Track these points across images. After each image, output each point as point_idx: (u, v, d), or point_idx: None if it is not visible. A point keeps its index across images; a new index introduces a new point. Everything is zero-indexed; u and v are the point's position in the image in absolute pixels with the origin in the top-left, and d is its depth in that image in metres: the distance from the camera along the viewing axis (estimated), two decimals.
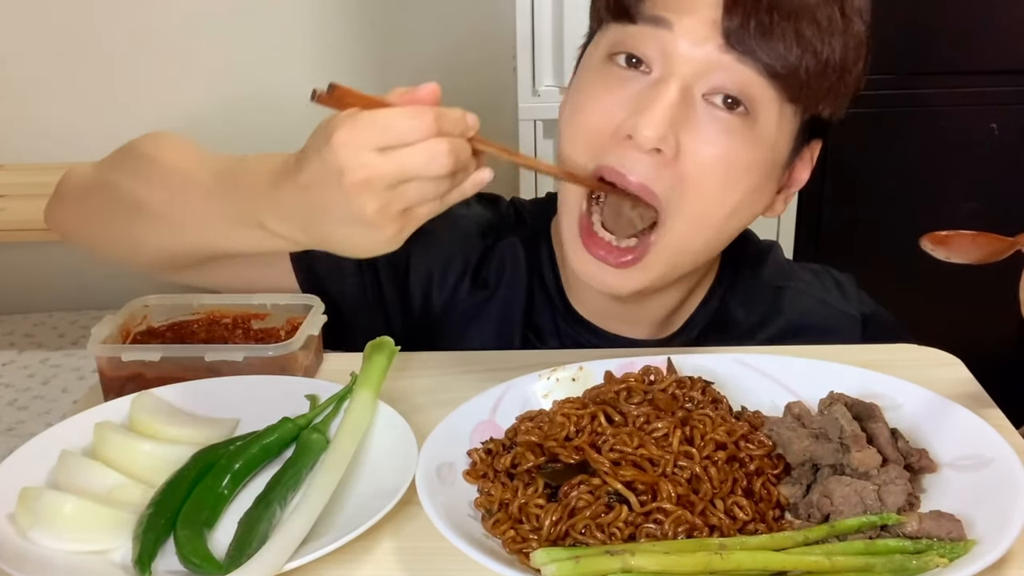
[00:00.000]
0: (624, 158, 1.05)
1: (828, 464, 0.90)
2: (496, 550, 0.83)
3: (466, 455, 0.95)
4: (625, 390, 0.97)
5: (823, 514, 0.86)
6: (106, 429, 0.97)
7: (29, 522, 0.86)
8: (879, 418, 0.94)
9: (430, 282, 1.28)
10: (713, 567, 0.78)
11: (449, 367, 1.16)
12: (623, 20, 1.07)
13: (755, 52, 1.02)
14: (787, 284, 1.31)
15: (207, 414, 1.03)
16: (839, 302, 1.32)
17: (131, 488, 0.91)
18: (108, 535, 0.86)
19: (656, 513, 0.84)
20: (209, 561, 0.82)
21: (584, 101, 1.10)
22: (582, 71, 1.14)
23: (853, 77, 1.09)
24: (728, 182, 1.06)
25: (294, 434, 0.98)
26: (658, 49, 1.05)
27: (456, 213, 0.99)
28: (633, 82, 1.06)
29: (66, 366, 2.72)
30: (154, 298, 1.18)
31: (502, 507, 0.87)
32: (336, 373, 1.12)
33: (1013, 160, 2.60)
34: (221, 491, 0.91)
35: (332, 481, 0.89)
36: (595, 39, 1.14)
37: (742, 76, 1.03)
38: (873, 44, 1.10)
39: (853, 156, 2.60)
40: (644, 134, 1.02)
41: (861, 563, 0.78)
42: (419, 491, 0.86)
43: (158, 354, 1.08)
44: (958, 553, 0.78)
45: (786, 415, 0.97)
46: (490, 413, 1.00)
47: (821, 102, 1.09)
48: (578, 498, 0.85)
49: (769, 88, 1.04)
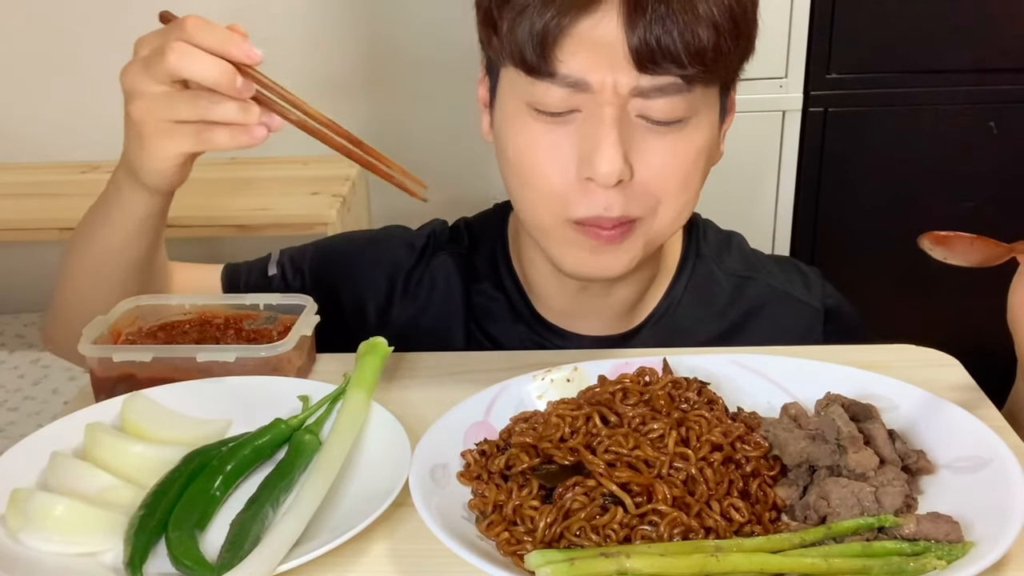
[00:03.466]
0: (593, 203, 1.07)
1: (825, 465, 0.90)
2: (490, 552, 0.82)
3: (460, 456, 0.94)
4: (621, 391, 0.97)
5: (820, 516, 0.85)
6: (97, 430, 0.96)
7: (19, 524, 0.85)
8: (876, 419, 0.94)
9: (362, 309, 1.32)
10: (709, 569, 0.77)
11: (443, 368, 1.15)
12: (536, 76, 1.05)
13: (669, 68, 1.02)
14: (749, 275, 1.32)
15: (199, 415, 1.03)
16: (801, 293, 1.33)
17: (122, 490, 0.91)
18: (99, 537, 0.85)
19: (651, 515, 0.83)
20: (201, 563, 0.82)
21: (531, 165, 1.09)
22: (508, 122, 1.11)
23: (750, 21, 1.08)
24: (686, 175, 1.10)
25: (287, 435, 0.98)
26: (582, 99, 1.05)
27: (377, 238, 1.13)
28: (567, 125, 1.07)
29: (57, 367, 2.71)
30: (145, 298, 1.17)
31: (496, 509, 0.87)
32: (329, 374, 1.12)
33: (1011, 159, 2.61)
34: (213, 493, 0.90)
35: (325, 483, 0.88)
36: (503, 81, 1.11)
37: (661, 103, 1.04)
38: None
39: (851, 155, 2.60)
40: (603, 172, 1.03)
41: (858, 565, 0.78)
42: (412, 493, 0.85)
43: (149, 355, 1.07)
44: (956, 555, 0.77)
45: (783, 416, 0.96)
46: (484, 414, 0.99)
47: (739, 65, 1.11)
48: (573, 499, 0.85)
49: (692, 92, 1.05)
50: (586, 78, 1.03)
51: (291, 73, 1.31)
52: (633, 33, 1.00)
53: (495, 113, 1.15)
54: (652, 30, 1.00)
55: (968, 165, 2.62)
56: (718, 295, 1.31)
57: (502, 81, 1.12)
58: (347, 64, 2.96)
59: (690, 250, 1.31)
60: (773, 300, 1.31)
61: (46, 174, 2.79)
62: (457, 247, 1.34)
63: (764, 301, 1.31)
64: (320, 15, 2.91)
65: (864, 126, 2.58)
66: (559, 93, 1.04)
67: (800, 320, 1.30)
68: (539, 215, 1.12)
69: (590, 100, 1.04)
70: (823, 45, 2.51)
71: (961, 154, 2.61)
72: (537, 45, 1.02)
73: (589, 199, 1.07)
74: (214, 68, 0.90)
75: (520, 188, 1.12)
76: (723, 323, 1.29)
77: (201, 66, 0.90)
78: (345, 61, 2.94)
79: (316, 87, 2.84)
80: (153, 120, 0.96)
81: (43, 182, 2.74)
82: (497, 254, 1.32)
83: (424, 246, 1.34)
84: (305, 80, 2.59)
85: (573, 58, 1.02)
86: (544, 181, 1.08)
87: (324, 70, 2.92)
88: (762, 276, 1.33)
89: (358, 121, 2.90)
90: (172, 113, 0.94)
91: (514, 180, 1.13)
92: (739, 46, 1.06)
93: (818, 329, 1.30)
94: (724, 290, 1.31)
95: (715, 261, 1.32)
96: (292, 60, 2.82)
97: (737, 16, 1.04)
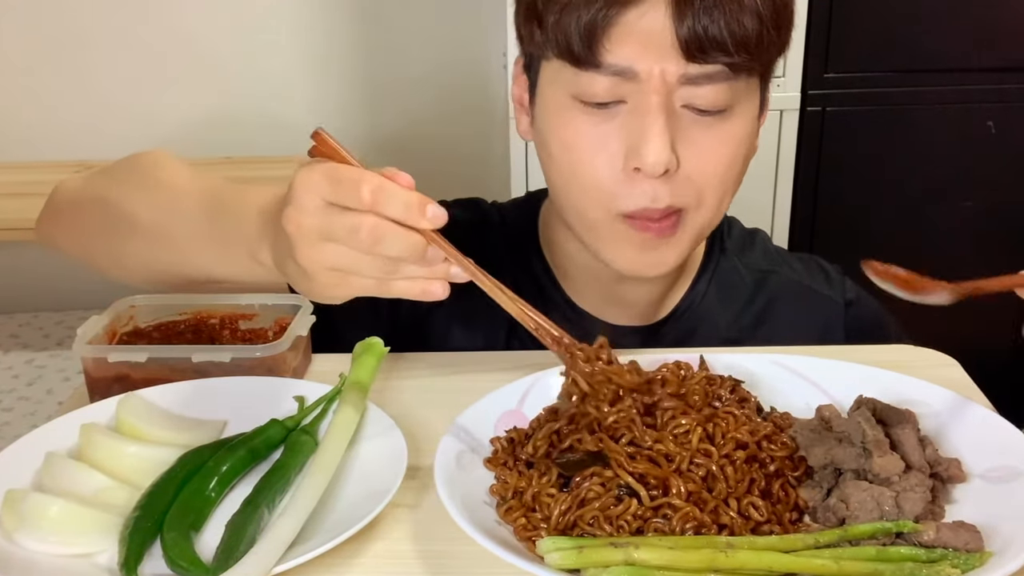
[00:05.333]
0: (640, 195, 1.08)
1: (850, 468, 0.89)
2: (507, 538, 0.82)
3: (488, 443, 0.94)
4: (660, 381, 0.97)
5: (838, 518, 0.84)
6: (92, 431, 0.96)
7: (14, 525, 0.85)
8: (909, 424, 0.92)
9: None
10: (718, 565, 0.77)
11: (438, 368, 1.15)
12: (583, 67, 1.06)
13: (717, 56, 1.04)
14: (771, 269, 1.34)
15: (194, 416, 1.02)
16: (823, 287, 1.35)
17: (117, 490, 0.90)
18: (94, 538, 0.85)
19: (665, 508, 0.83)
20: (196, 564, 0.82)
21: (578, 158, 1.10)
22: (551, 117, 1.12)
23: (790, 12, 1.11)
24: (729, 167, 1.11)
25: (282, 436, 0.97)
26: (629, 88, 1.06)
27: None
28: (613, 117, 1.08)
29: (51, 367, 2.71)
30: (141, 298, 1.17)
31: (516, 495, 0.87)
32: (325, 374, 1.11)
33: (1010, 158, 2.61)
34: (208, 494, 0.90)
35: (321, 483, 0.88)
36: (545, 74, 1.12)
37: (707, 90, 1.06)
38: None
39: (849, 154, 2.60)
40: (651, 162, 1.05)
41: (869, 569, 0.77)
42: (436, 476, 0.85)
43: (145, 355, 1.07)
44: (972, 565, 0.76)
45: (815, 417, 0.96)
46: (518, 403, 1.00)
47: (777, 56, 1.13)
48: (589, 489, 0.85)
49: (737, 81, 1.07)
50: (633, 67, 1.04)
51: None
52: (682, 23, 1.02)
53: (536, 110, 1.16)
54: (700, 20, 1.02)
55: (966, 165, 2.62)
56: (740, 290, 1.32)
57: (543, 76, 1.13)
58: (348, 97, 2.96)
59: (715, 245, 1.33)
60: (794, 294, 1.33)
61: (39, 173, 2.79)
62: (505, 230, 1.33)
63: (785, 295, 1.33)
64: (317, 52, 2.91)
65: (862, 125, 2.58)
66: (605, 82, 1.06)
67: (821, 314, 1.32)
68: (587, 210, 1.12)
69: (636, 90, 1.06)
70: (820, 44, 2.51)
71: (959, 154, 2.61)
72: (585, 37, 1.04)
73: (636, 190, 1.08)
74: (406, 246, 0.84)
75: (566, 184, 1.13)
76: (746, 317, 1.31)
77: (394, 246, 0.84)
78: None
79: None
80: (331, 272, 0.87)
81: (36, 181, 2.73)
82: (529, 243, 1.32)
83: (480, 228, 1.33)
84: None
85: (620, 48, 1.04)
86: (591, 174, 1.09)
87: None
88: (783, 271, 1.35)
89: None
90: (355, 271, 0.87)
91: (559, 176, 1.13)
92: (780, 36, 1.09)
93: (839, 323, 1.32)
94: (747, 285, 1.33)
95: (738, 256, 1.34)
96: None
97: (779, 6, 1.07)
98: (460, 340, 1.28)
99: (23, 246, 2.80)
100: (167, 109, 3.00)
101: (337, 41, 3.02)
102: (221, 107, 3.03)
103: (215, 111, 3.03)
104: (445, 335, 1.29)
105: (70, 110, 3.00)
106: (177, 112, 3.01)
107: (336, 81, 3.05)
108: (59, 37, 2.94)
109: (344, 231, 0.83)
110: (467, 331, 1.28)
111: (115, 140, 2.71)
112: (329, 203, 0.84)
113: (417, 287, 0.87)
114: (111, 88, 3.00)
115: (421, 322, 1.28)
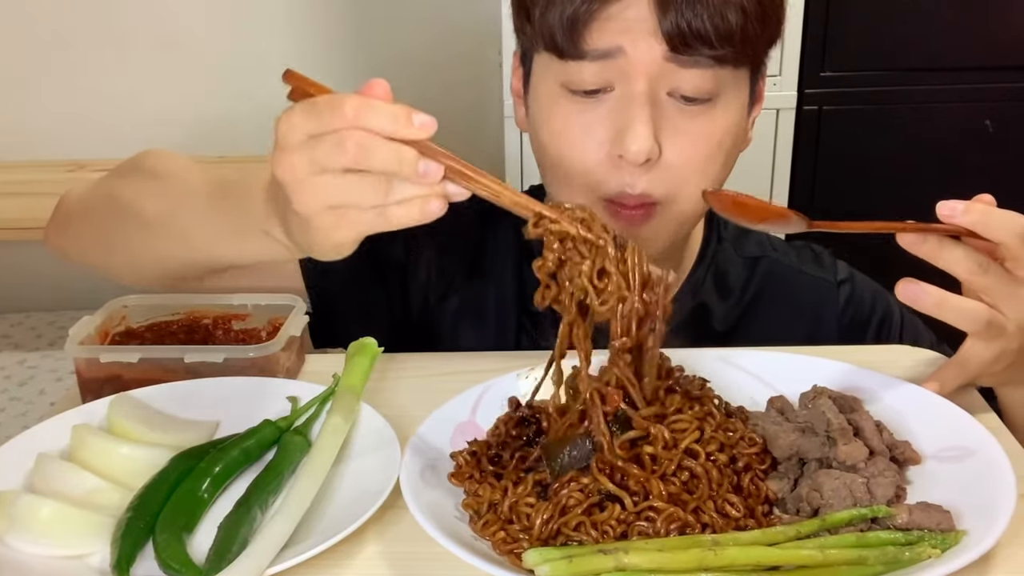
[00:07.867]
0: (621, 180, 1.10)
1: (815, 458, 0.90)
2: (486, 552, 0.81)
3: (449, 458, 0.93)
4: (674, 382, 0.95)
5: (813, 508, 0.85)
6: (84, 432, 0.95)
7: (5, 526, 0.84)
8: (862, 411, 0.94)
9: (429, 275, 1.31)
10: (707, 563, 0.77)
11: (432, 368, 1.15)
12: (568, 59, 1.09)
13: (700, 49, 1.06)
14: (762, 254, 1.36)
15: (187, 416, 1.02)
16: (815, 270, 1.37)
17: (109, 492, 0.90)
18: (86, 539, 0.85)
19: (648, 511, 0.83)
20: (188, 566, 0.81)
21: (567, 145, 1.13)
22: (541, 107, 1.15)
23: (778, 6, 1.12)
24: (710, 156, 1.12)
25: (275, 436, 0.97)
26: (615, 72, 1.08)
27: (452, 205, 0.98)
28: (600, 104, 1.10)
29: (43, 367, 2.70)
30: (133, 298, 1.17)
31: (491, 508, 0.86)
32: (318, 375, 1.11)
33: (1008, 156, 2.61)
34: (201, 495, 0.90)
35: (314, 484, 0.88)
36: (537, 66, 1.15)
37: (693, 74, 1.08)
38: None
39: (847, 152, 2.61)
40: (633, 150, 1.07)
41: (854, 556, 0.78)
42: (405, 496, 0.84)
43: (137, 355, 1.06)
44: (949, 544, 0.78)
45: (769, 410, 0.97)
46: (470, 414, 0.99)
47: (766, 49, 1.14)
48: (569, 496, 0.84)
49: (721, 70, 1.09)
50: (619, 45, 1.06)
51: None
52: (665, 17, 1.04)
53: (529, 100, 1.18)
54: (684, 14, 1.04)
55: (964, 163, 2.62)
56: (735, 278, 1.34)
57: (535, 67, 1.15)
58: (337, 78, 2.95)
59: (711, 236, 1.34)
60: (785, 277, 1.35)
61: (31, 172, 2.79)
62: (513, 218, 1.32)
63: (776, 278, 1.35)
64: (304, 32, 2.90)
65: (858, 124, 2.59)
66: (592, 68, 1.08)
67: (815, 295, 1.34)
68: (574, 196, 1.13)
69: (622, 75, 1.07)
70: (817, 43, 2.51)
71: (957, 152, 2.62)
72: (568, 29, 1.06)
73: (617, 175, 1.10)
74: (396, 157, 0.81)
75: (554, 170, 1.15)
76: (742, 303, 1.33)
77: (384, 157, 0.81)
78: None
79: None
80: (329, 211, 0.85)
81: (28, 180, 2.73)
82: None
83: (492, 215, 1.32)
84: None
85: (603, 35, 1.06)
86: (578, 160, 1.12)
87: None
88: (776, 256, 1.37)
89: None
90: (354, 203, 0.84)
91: (548, 163, 1.16)
92: (767, 29, 1.10)
93: (834, 303, 1.34)
94: (740, 272, 1.34)
95: (734, 245, 1.36)
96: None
97: (764, 1, 1.08)
98: (470, 339, 1.29)
99: (15, 245, 2.79)
100: (162, 108, 3.00)
101: (336, 41, 3.02)
102: (216, 107, 3.03)
103: (210, 110, 3.02)
104: (455, 333, 1.30)
105: (62, 108, 2.99)
106: (172, 111, 3.00)
107: (336, 81, 3.04)
108: (53, 35, 2.94)
109: (330, 150, 0.81)
110: (477, 329, 1.29)
111: (108, 139, 2.72)
112: (312, 135, 0.82)
113: (415, 209, 0.83)
114: (104, 87, 2.99)
115: (430, 320, 1.29)
